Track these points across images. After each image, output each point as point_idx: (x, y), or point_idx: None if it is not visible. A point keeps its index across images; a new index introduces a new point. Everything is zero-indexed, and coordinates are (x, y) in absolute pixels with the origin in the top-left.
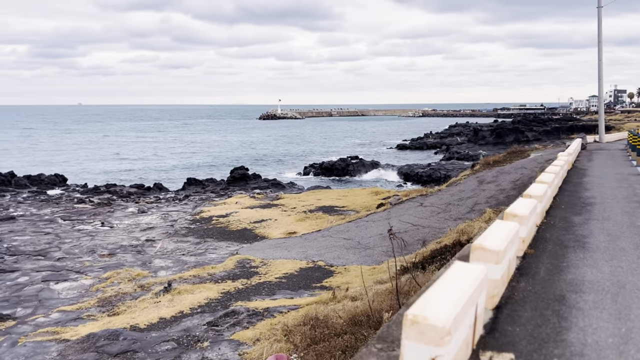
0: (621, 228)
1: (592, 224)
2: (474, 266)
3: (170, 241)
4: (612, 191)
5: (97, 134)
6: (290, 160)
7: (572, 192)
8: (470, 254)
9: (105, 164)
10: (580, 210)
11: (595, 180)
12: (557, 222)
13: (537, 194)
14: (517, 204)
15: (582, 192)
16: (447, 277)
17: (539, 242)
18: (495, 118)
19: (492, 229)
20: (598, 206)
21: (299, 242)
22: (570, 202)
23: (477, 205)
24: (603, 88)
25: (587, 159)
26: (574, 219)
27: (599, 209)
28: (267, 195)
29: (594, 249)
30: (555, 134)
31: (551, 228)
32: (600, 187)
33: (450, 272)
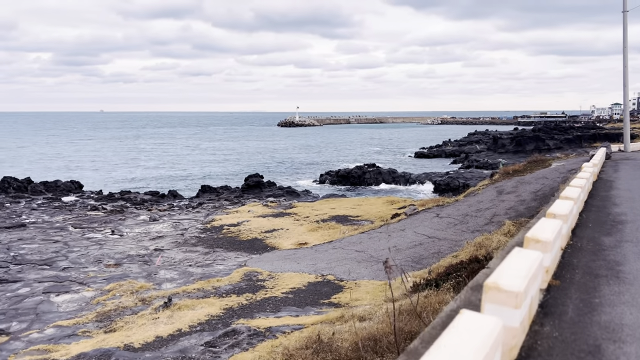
0: None
1: (626, 247)
2: (486, 321)
3: (179, 251)
4: None
5: (116, 140)
6: (307, 167)
7: (600, 208)
8: (483, 294)
9: (122, 171)
10: (610, 229)
11: (624, 194)
12: (585, 244)
13: (562, 212)
14: (540, 226)
15: (611, 208)
16: (452, 336)
17: (566, 270)
18: (516, 126)
19: (511, 260)
20: (630, 225)
21: (310, 254)
22: (599, 220)
23: (496, 216)
24: (628, 94)
25: (613, 169)
26: (604, 240)
27: (632, 228)
28: (281, 204)
29: (631, 281)
30: (577, 142)
31: (578, 252)
32: (630, 201)
33: (456, 327)
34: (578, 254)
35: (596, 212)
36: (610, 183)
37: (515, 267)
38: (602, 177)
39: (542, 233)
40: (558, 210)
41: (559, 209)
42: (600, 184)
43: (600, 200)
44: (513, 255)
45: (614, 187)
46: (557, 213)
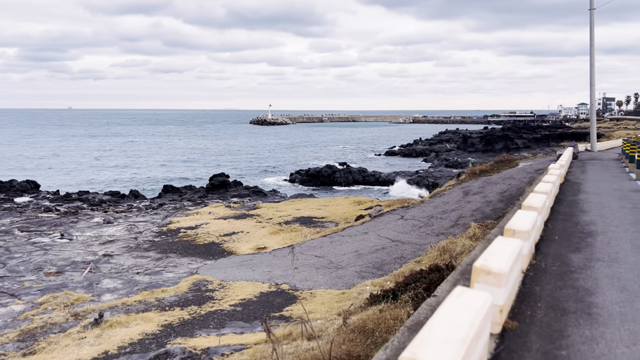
0: (638, 277)
1: (597, 268)
2: None
3: (130, 256)
4: (615, 214)
5: (82, 138)
6: (277, 166)
7: (567, 216)
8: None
9: (85, 170)
10: (579, 243)
11: (593, 199)
12: (550, 264)
13: (523, 228)
14: (494, 251)
15: (579, 216)
16: None
17: (526, 303)
18: (486, 125)
19: (445, 313)
20: (601, 237)
21: (267, 260)
22: (566, 231)
23: (462, 218)
24: (595, 93)
25: (580, 170)
26: (572, 258)
27: (603, 241)
28: (244, 205)
29: (606, 320)
30: (545, 141)
31: (542, 275)
32: (599, 207)
33: None
34: (542, 278)
35: (563, 220)
36: (578, 186)
37: (451, 327)
38: (570, 178)
39: (497, 262)
40: (518, 226)
41: (520, 224)
42: (568, 187)
43: (568, 206)
44: (450, 305)
45: (582, 190)
46: (517, 229)
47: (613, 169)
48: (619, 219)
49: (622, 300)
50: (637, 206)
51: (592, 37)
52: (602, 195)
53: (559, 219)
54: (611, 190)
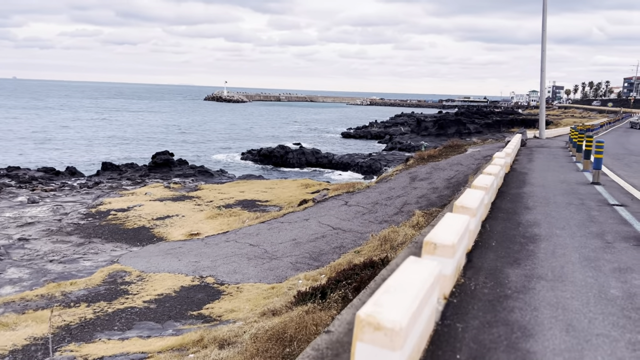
0: (587, 306)
1: (539, 290)
2: None
3: (49, 241)
4: (561, 212)
5: (26, 110)
6: (228, 145)
7: (509, 214)
8: None
9: (24, 144)
10: (519, 252)
11: (538, 192)
12: (482, 283)
13: (447, 241)
14: (398, 284)
15: (523, 214)
16: None
17: (444, 350)
18: (440, 109)
19: None
20: (545, 244)
21: (197, 248)
22: (506, 234)
23: (407, 205)
24: (545, 80)
25: (527, 158)
26: (509, 274)
27: (547, 249)
28: (185, 186)
29: None
30: (496, 126)
31: (469, 304)
32: (545, 203)
33: None
34: (468, 308)
35: (504, 220)
36: (524, 176)
37: None
38: (516, 167)
39: (393, 312)
40: (442, 238)
41: (444, 236)
42: (513, 177)
43: (511, 202)
44: None
45: (528, 181)
46: (439, 242)
47: (560, 158)
48: (565, 219)
49: (567, 347)
50: (584, 202)
51: (544, 22)
52: (548, 188)
53: (499, 218)
54: (558, 183)
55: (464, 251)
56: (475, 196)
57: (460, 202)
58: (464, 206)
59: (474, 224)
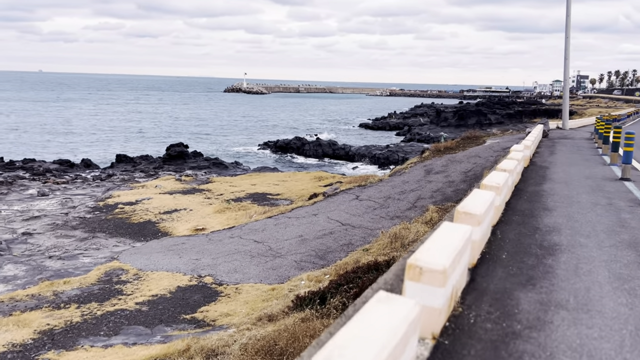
0: (620, 351)
1: (557, 325)
2: None
3: (52, 235)
4: (586, 215)
5: (49, 103)
6: (246, 137)
7: (525, 216)
8: None
9: (45, 136)
10: (534, 268)
11: (560, 190)
12: (485, 315)
13: (438, 265)
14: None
15: (541, 218)
16: None
17: None
18: (461, 100)
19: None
20: (566, 257)
21: (199, 244)
22: (520, 244)
23: (420, 200)
24: (569, 67)
25: (549, 150)
26: (520, 300)
27: (569, 265)
28: (197, 178)
29: None
30: (518, 117)
31: (465, 345)
32: (567, 203)
33: None
34: (463, 354)
35: (519, 225)
36: (544, 171)
37: None
38: (536, 161)
39: None
40: (432, 261)
41: (436, 256)
42: (532, 173)
43: (528, 201)
44: None
45: (548, 177)
46: (427, 267)
47: (585, 150)
48: (590, 224)
49: None
50: (612, 202)
51: (568, 7)
52: (571, 184)
53: (513, 222)
54: (582, 178)
55: (463, 271)
56: (482, 199)
57: (463, 207)
58: (468, 212)
59: (479, 234)
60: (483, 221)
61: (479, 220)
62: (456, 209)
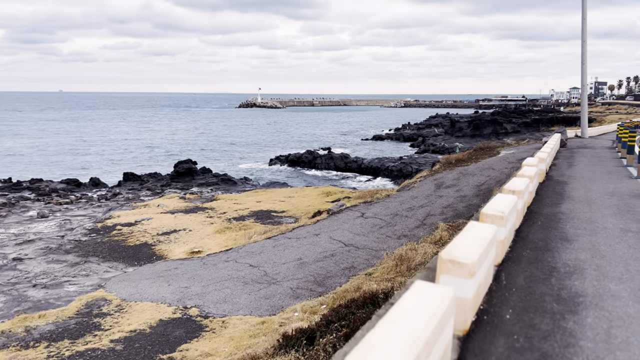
0: None
1: None
2: None
3: (43, 261)
4: (616, 249)
5: (65, 122)
6: (258, 151)
7: (538, 251)
8: None
9: (59, 156)
10: (549, 337)
11: (581, 212)
12: None
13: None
14: None
15: (558, 252)
16: None
17: None
18: (477, 109)
19: None
20: (593, 315)
21: (192, 270)
22: (530, 295)
23: (430, 216)
24: (587, 72)
25: (567, 162)
26: None
27: (598, 333)
28: (202, 196)
29: None
30: (535, 126)
31: None
32: (590, 231)
33: None
34: None
35: (530, 263)
36: (562, 187)
37: None
38: (553, 175)
39: None
40: None
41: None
42: (548, 189)
43: (543, 228)
44: None
45: (567, 194)
46: None
47: (607, 160)
48: (622, 261)
49: None
50: None
51: (584, 10)
52: (594, 204)
53: (522, 260)
54: (606, 195)
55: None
56: (479, 239)
57: (449, 252)
58: (455, 261)
59: (472, 290)
60: (477, 271)
61: (470, 272)
62: (440, 254)
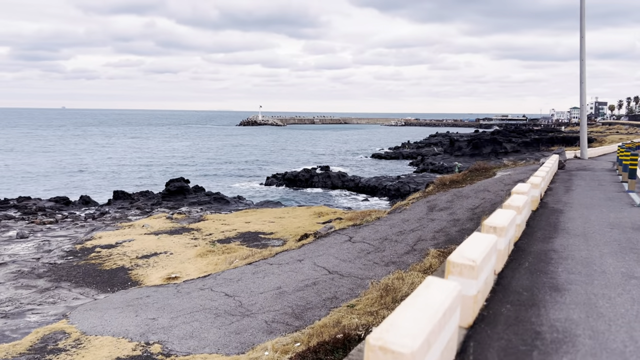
0: None
1: None
2: None
3: (12, 286)
4: (617, 303)
5: (61, 139)
6: (255, 169)
7: (522, 306)
8: None
9: (52, 173)
10: None
11: (576, 249)
12: None
13: None
14: None
15: (546, 308)
16: None
17: None
18: (477, 128)
19: None
20: None
21: (164, 298)
22: None
23: (421, 241)
24: (585, 90)
25: (564, 186)
26: None
27: None
28: (190, 216)
29: None
30: (535, 145)
31: None
32: (587, 278)
33: None
34: None
35: (509, 325)
36: (557, 216)
37: None
38: (548, 201)
39: None
40: None
41: None
42: (541, 219)
43: (530, 272)
44: None
45: (561, 226)
46: None
47: (607, 184)
48: (625, 324)
49: None
50: None
51: (582, 26)
52: (591, 239)
53: (500, 321)
54: (606, 228)
55: None
56: (429, 312)
57: (379, 342)
58: (387, 349)
59: None
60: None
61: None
62: (366, 341)
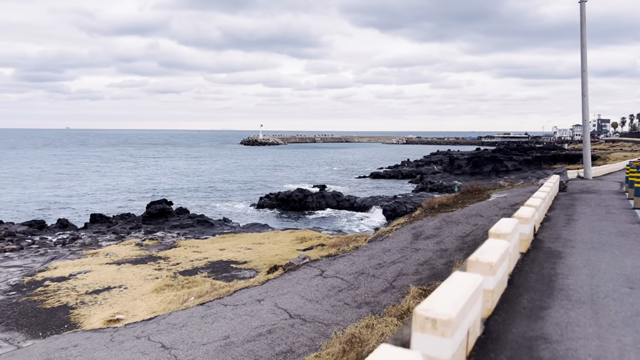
0: None
1: None
2: None
3: None
4: None
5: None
6: (249, 189)
7: None
8: None
9: (37, 193)
10: None
11: (580, 338)
12: None
13: None
14: None
15: None
16: None
17: None
18: (479, 146)
19: None
20: None
21: (90, 350)
22: None
23: (401, 277)
24: (588, 106)
25: (565, 214)
26: None
27: None
28: (162, 242)
29: None
30: (537, 163)
31: None
32: None
33: None
34: None
35: None
36: (554, 265)
37: None
38: (543, 238)
39: None
40: None
41: None
42: (532, 272)
43: None
44: None
45: (558, 285)
46: None
47: (616, 212)
48: None
49: None
50: None
51: (583, 36)
52: (602, 310)
53: None
54: (623, 286)
55: None
56: None
57: None
58: None
59: None
60: None
61: None
62: None
